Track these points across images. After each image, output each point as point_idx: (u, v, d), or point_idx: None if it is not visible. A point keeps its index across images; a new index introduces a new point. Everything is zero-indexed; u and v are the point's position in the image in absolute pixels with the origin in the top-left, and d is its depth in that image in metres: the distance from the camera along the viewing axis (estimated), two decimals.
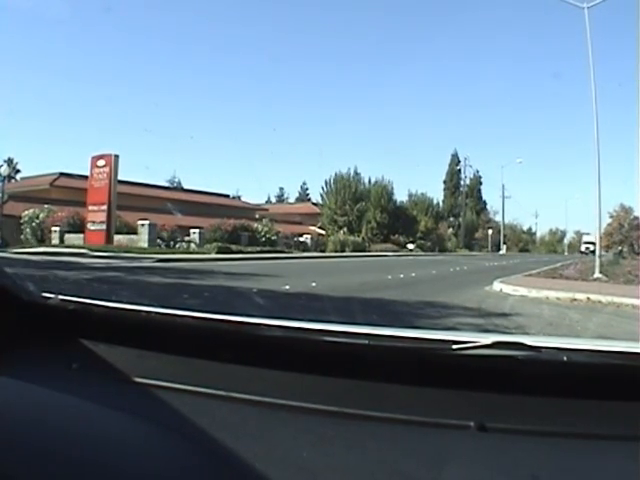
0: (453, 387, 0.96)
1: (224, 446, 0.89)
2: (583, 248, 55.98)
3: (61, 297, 1.22)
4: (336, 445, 0.90)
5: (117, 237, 23.94)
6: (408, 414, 0.94)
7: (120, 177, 25.34)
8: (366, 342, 1.01)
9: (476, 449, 0.88)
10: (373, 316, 6.45)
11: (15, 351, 1.13)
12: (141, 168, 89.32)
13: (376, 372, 0.99)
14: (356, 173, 43.75)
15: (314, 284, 10.64)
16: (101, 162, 24.07)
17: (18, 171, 51.01)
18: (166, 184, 48.02)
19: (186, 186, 45.49)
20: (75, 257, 16.78)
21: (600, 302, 9.63)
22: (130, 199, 28.60)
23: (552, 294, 10.48)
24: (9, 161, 50.95)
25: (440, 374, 0.97)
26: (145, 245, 23.18)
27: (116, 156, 24.05)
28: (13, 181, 44.33)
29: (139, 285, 9.93)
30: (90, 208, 24.27)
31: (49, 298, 1.23)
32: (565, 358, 0.93)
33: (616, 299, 9.57)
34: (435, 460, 0.85)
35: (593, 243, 60.52)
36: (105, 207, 23.64)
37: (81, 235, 24.55)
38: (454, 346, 0.96)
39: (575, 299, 9.98)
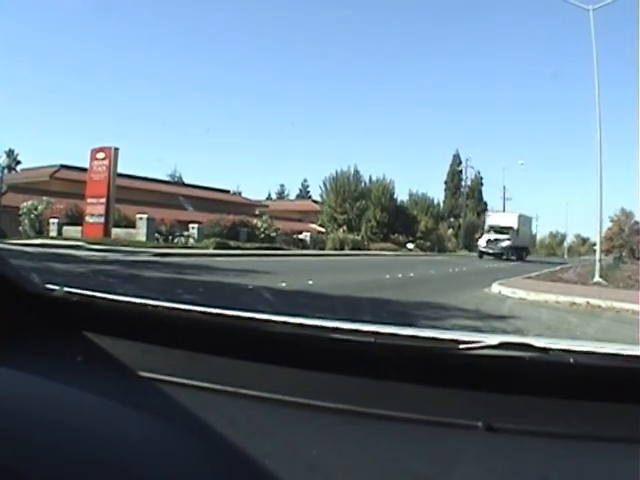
0: (460, 387, 0.96)
1: (231, 442, 0.88)
2: (483, 244, 34.42)
3: (66, 289, 1.20)
4: (345, 443, 0.89)
5: (115, 230, 23.79)
6: (416, 413, 0.94)
7: (122, 171, 25.27)
8: (372, 340, 1.00)
9: (484, 449, 0.88)
10: (370, 316, 6.37)
11: (19, 343, 1.11)
12: (142, 162, 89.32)
13: (383, 370, 0.99)
14: (356, 171, 43.69)
15: (311, 282, 10.54)
16: (101, 155, 23.87)
17: (19, 162, 50.98)
18: (167, 178, 47.85)
19: (187, 181, 45.40)
20: (71, 250, 16.65)
21: (600, 307, 9.61)
22: (130, 193, 28.53)
23: (551, 297, 10.44)
24: (10, 152, 51.00)
25: (447, 373, 0.97)
26: (143, 239, 23.03)
27: (116, 149, 23.86)
28: (14, 172, 44.25)
29: (134, 278, 9.82)
30: (89, 201, 24.10)
31: (53, 290, 1.21)
32: (572, 360, 0.93)
33: (616, 304, 9.54)
34: (444, 460, 0.85)
35: (509, 230, 34.18)
36: (104, 200, 23.45)
37: (79, 228, 24.40)
38: (461, 346, 0.95)
39: (574, 303, 9.94)
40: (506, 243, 33.86)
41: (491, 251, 33.28)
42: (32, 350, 1.11)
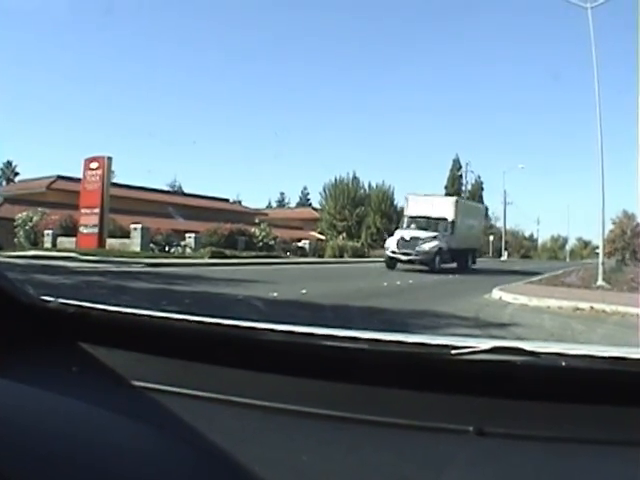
0: (452, 392, 0.96)
1: (223, 450, 0.89)
2: (392, 246, 21.60)
3: (61, 300, 1.22)
4: (335, 449, 0.90)
5: (110, 241, 23.42)
6: (407, 418, 0.94)
7: (122, 181, 24.91)
8: (365, 347, 1.02)
9: (475, 454, 0.88)
10: (364, 324, 6.13)
11: (14, 354, 1.12)
12: (143, 172, 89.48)
13: (375, 377, 0.99)
14: (355, 177, 43.49)
15: (304, 291, 10.23)
16: (94, 164, 23.42)
17: (17, 174, 50.84)
18: (167, 188, 47.61)
19: (187, 191, 45.14)
20: (63, 261, 16.35)
21: (604, 311, 9.38)
22: (126, 202, 28.29)
23: (554, 303, 10.21)
24: (8, 164, 50.97)
25: (439, 379, 0.97)
26: (137, 249, 22.69)
27: (109, 158, 23.45)
28: (12, 184, 44.15)
29: (119, 290, 9.51)
30: (83, 211, 23.64)
31: (49, 301, 1.22)
32: (563, 363, 0.93)
33: (621, 308, 9.31)
34: (434, 464, 0.85)
35: (438, 224, 22.12)
36: (98, 210, 23.00)
37: (74, 239, 24.07)
38: (453, 351, 0.96)
39: (578, 308, 9.72)
40: (433, 244, 21.10)
41: (405, 258, 20.76)
42: (28, 361, 1.11)
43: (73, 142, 61.78)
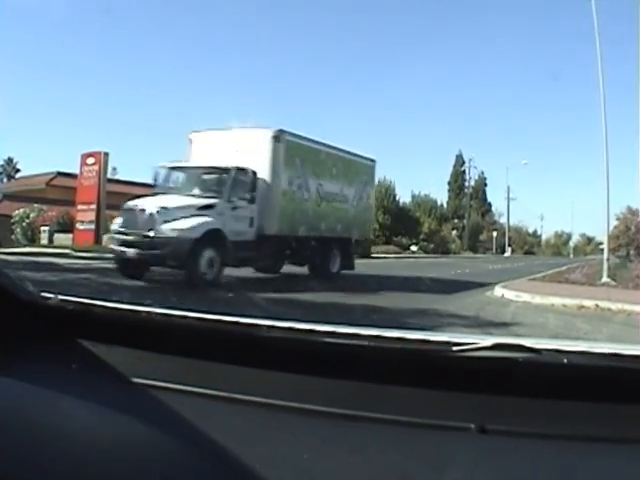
0: (453, 389, 0.95)
1: (224, 448, 0.89)
2: (115, 228, 11.18)
3: (61, 297, 1.21)
4: (337, 447, 0.90)
5: (107, 237, 23.19)
6: (409, 416, 0.94)
7: (124, 178, 24.50)
8: (366, 343, 1.01)
9: (477, 451, 0.88)
10: (364, 321, 5.82)
11: (14, 351, 1.12)
12: (147, 169, 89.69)
13: (377, 373, 0.99)
14: None
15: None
16: (90, 160, 23.13)
17: (18, 170, 50.76)
18: None
19: None
20: (57, 258, 16.11)
21: (610, 310, 9.09)
22: (126, 199, 27.96)
23: (558, 300, 9.94)
24: (9, 160, 50.85)
25: (440, 376, 0.96)
26: None
27: (106, 154, 23.13)
28: (12, 180, 44.01)
29: (114, 286, 9.26)
30: (79, 207, 23.41)
31: (49, 298, 1.21)
32: (565, 360, 0.93)
33: (627, 306, 9.03)
34: (436, 462, 0.86)
35: (226, 180, 10.57)
36: (94, 206, 22.72)
37: (71, 235, 23.82)
38: (454, 348, 0.96)
39: (583, 306, 9.47)
40: (193, 223, 10.21)
41: (132, 252, 10.06)
42: (28, 358, 1.11)
43: (77, 139, 61.79)
